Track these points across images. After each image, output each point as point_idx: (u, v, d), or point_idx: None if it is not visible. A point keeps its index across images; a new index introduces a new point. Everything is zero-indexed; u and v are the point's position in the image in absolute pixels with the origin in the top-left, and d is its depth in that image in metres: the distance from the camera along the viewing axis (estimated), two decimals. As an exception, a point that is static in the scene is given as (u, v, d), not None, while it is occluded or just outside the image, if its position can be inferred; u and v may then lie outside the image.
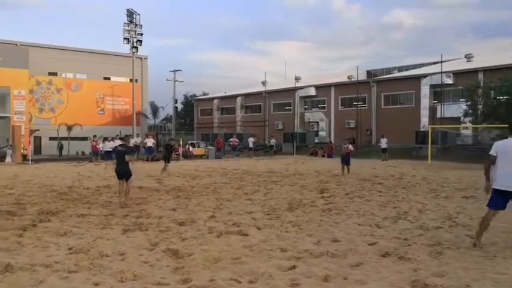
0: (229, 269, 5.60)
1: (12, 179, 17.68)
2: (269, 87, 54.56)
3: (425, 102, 39.94)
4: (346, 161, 19.96)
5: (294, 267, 5.71)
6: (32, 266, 5.67)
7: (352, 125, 44.46)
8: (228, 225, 8.50)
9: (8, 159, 29.91)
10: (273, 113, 54.05)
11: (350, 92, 45.62)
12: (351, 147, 20.77)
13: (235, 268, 5.64)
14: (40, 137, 42.21)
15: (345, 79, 50.44)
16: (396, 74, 49.60)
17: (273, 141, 42.32)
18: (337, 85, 48.31)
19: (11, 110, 37.74)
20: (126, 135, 15.43)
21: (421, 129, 37.87)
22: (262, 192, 13.75)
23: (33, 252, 6.46)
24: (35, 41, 44.58)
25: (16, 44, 42.80)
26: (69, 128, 43.13)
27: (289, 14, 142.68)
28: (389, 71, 55.63)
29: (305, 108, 51.25)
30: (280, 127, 51.24)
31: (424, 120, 39.42)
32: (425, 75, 40.85)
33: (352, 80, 47.98)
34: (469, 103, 33.37)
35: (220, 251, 6.51)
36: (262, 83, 55.34)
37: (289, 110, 51.89)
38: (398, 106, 42.75)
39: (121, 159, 11.74)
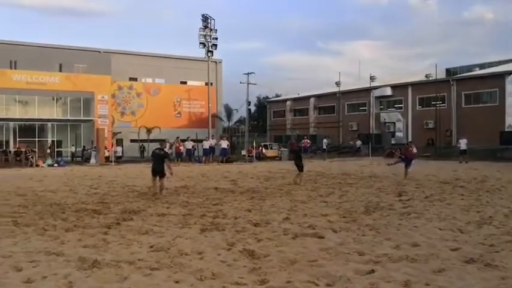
0: (306, 271, 5.56)
1: (96, 179, 18.70)
2: (343, 88, 53.77)
3: (510, 100, 37.58)
4: (407, 163, 19.11)
5: (372, 271, 5.58)
6: (117, 263, 5.95)
7: (430, 126, 42.75)
8: (303, 227, 8.46)
9: (93, 160, 31.63)
10: (347, 113, 53.20)
11: (428, 91, 43.88)
12: (414, 150, 19.91)
13: (312, 270, 5.60)
14: (122, 139, 44.30)
15: (422, 78, 48.61)
16: (478, 72, 47.06)
17: (358, 143, 41.44)
18: (415, 84, 46.63)
19: (95, 113, 40.00)
20: (163, 140, 17.31)
21: (507, 129, 35.69)
22: (337, 194, 13.56)
23: (117, 249, 6.78)
24: (116, 48, 46.94)
25: (99, 52, 45.30)
26: (149, 130, 44.89)
27: (363, 13, 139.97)
28: (470, 68, 52.88)
29: (381, 109, 49.97)
30: (355, 128, 50.31)
31: (510, 119, 37.09)
32: (510, 72, 38.45)
33: (431, 78, 46.10)
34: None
35: (296, 252, 6.48)
36: (336, 83, 54.64)
37: (364, 110, 50.84)
38: (480, 105, 40.52)
39: (158, 160, 13.39)
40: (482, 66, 51.64)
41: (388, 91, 48.47)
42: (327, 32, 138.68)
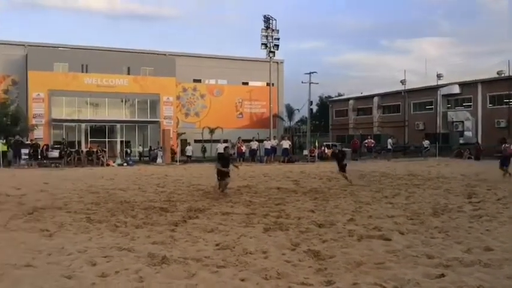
0: (373, 274, 5.46)
1: (163, 179, 19.27)
2: (408, 86, 52.27)
3: None
4: (504, 163, 18.25)
5: (442, 275, 5.39)
6: (184, 260, 6.10)
7: (502, 125, 40.71)
8: (368, 228, 8.31)
9: (159, 160, 32.63)
10: (412, 112, 51.66)
11: (500, 88, 41.82)
12: None
13: (379, 273, 5.49)
14: (186, 140, 45.37)
15: (493, 75, 46.30)
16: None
17: (426, 143, 40.11)
18: (485, 82, 44.53)
19: (161, 115, 41.24)
20: (225, 141, 18.37)
21: None
22: (404, 195, 13.19)
23: (184, 247, 6.95)
24: (181, 51, 48.11)
25: (165, 54, 46.62)
26: (212, 131, 45.71)
27: (429, 10, 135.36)
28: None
29: (448, 107, 48.15)
30: (421, 127, 48.76)
31: None
32: None
33: (503, 75, 43.86)
34: None
35: (362, 254, 6.38)
36: (401, 81, 53.20)
37: (431, 109, 49.17)
38: (559, 103, 38.12)
39: (224, 161, 14.20)
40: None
41: (456, 89, 46.59)
42: (391, 30, 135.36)
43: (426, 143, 39.69)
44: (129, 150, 35.80)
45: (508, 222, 8.82)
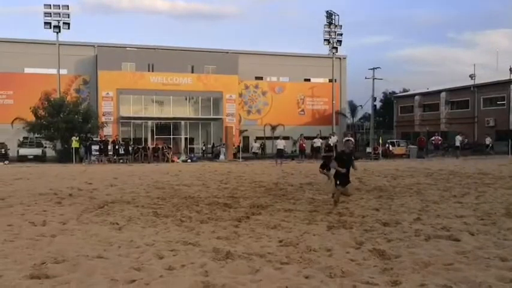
0: (442, 275, 5.27)
1: (226, 175, 19.57)
2: (478, 81, 49.96)
3: None
4: None
5: (517, 279, 5.12)
6: (248, 255, 6.16)
7: None
8: (436, 228, 8.03)
9: (222, 156, 33.16)
10: (483, 108, 49.36)
11: None
12: None
13: (448, 274, 5.29)
14: (248, 137, 45.79)
15: None
16: None
17: (488, 140, 38.49)
18: (563, 75, 41.82)
19: (224, 112, 41.87)
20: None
21: None
22: (473, 195, 12.63)
23: (248, 242, 7.02)
24: (243, 49, 48.59)
25: (227, 52, 47.28)
26: (273, 128, 45.86)
27: (500, 0, 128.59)
28: None
29: (521, 103, 45.62)
30: (492, 124, 46.50)
31: None
32: None
33: None
34: None
35: (430, 255, 6.17)
36: (470, 76, 50.99)
37: (503, 105, 46.72)
38: None
39: (342, 161, 10.55)
40: None
41: (530, 83, 44.05)
42: (458, 22, 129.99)
43: (488, 140, 37.88)
44: (192, 147, 36.58)
45: None
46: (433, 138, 38.00)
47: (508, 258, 6.01)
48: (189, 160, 31.12)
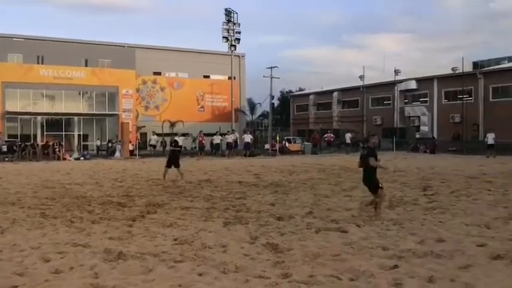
0: (329, 266, 5.55)
1: (121, 173, 18.97)
2: (367, 82, 53.23)
3: (540, 93, 36.69)
4: None
5: (396, 266, 5.53)
6: (141, 255, 6.04)
7: (457, 120, 42.03)
8: (326, 221, 8.44)
9: (117, 154, 32.07)
10: (371, 107, 52.69)
11: (455, 84, 43.11)
12: None
13: (335, 265, 5.59)
14: (146, 133, 44.72)
15: (448, 71, 47.69)
16: (507, 65, 45.97)
17: (348, 136, 40.06)
18: (441, 78, 45.88)
19: (120, 108, 40.49)
20: (371, 134, 11.03)
21: (536, 124, 34.86)
22: (361, 188, 13.38)
23: (142, 242, 6.88)
24: (140, 43, 47.35)
25: (124, 46, 45.77)
26: (172, 124, 45.24)
27: (388, 5, 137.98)
28: (498, 61, 51.68)
29: (405, 103, 49.34)
30: (379, 122, 49.81)
31: (539, 113, 36.20)
32: (540, 65, 37.50)
33: (457, 72, 45.29)
34: None
35: (319, 247, 6.47)
36: (360, 77, 54.11)
37: (389, 104, 50.24)
38: (509, 99, 39.64)
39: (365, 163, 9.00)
40: (510, 59, 50.40)
41: (413, 85, 47.83)
42: (351, 25, 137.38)
43: (348, 135, 40.34)
44: (86, 144, 34.97)
45: (460, 214, 9.14)
46: (326, 135, 39.84)
47: (389, 247, 6.48)
48: (82, 158, 29.69)
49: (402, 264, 5.60)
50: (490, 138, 29.93)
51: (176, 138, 19.67)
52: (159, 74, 48.43)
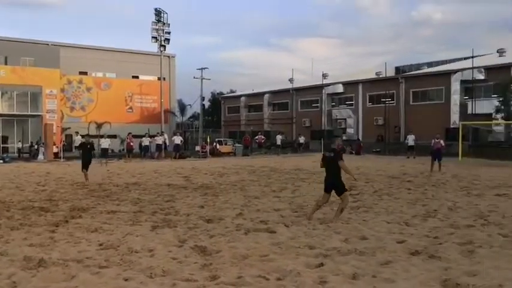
0: (257, 266, 5.61)
1: (44, 176, 18.12)
2: (297, 85, 54.37)
3: (455, 98, 39.18)
4: (437, 157, 19.94)
5: (321, 264, 5.70)
6: (64, 262, 5.80)
7: (380, 122, 43.92)
8: (255, 222, 8.53)
9: (41, 156, 30.62)
10: (300, 110, 53.86)
11: (378, 88, 45.08)
12: (442, 142, 20.72)
13: (263, 265, 5.65)
14: (71, 135, 43.04)
15: (373, 76, 49.88)
16: (425, 70, 48.71)
17: (301, 139, 42.07)
18: (365, 82, 47.80)
19: (43, 108, 38.69)
20: (335, 136, 10.30)
21: (452, 126, 37.13)
22: (290, 189, 13.72)
23: (65, 248, 6.61)
24: (65, 41, 45.52)
25: (47, 44, 43.78)
26: (99, 126, 43.83)
27: (317, 11, 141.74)
28: (418, 67, 54.67)
29: (332, 106, 50.88)
30: (308, 124, 51.01)
31: (455, 116, 38.62)
32: (455, 71, 40.05)
33: (380, 76, 47.40)
34: (501, 99, 32.61)
35: (248, 248, 6.52)
36: (290, 80, 55.17)
37: (317, 107, 51.61)
38: (427, 102, 42.02)
39: (329, 165, 9.02)
40: (430, 64, 53.45)
41: (340, 88, 49.43)
42: (281, 29, 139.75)
43: (301, 139, 41.71)
44: (6, 146, 33.10)
45: (382, 213, 9.56)
46: (257, 137, 40.24)
47: (316, 246, 6.66)
48: (1, 161, 28.04)
49: (327, 262, 5.77)
50: (411, 139, 31.56)
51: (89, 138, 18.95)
52: (85, 73, 46.77)
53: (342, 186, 8.86)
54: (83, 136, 30.14)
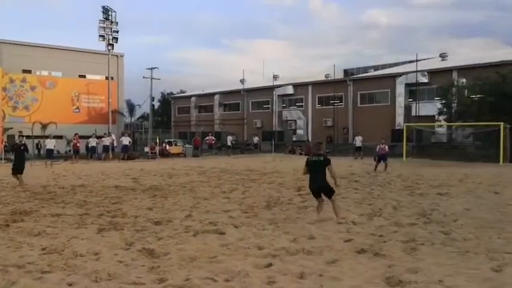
0: (205, 268, 5.58)
1: (-16, 179, 17.29)
2: (248, 86, 54.54)
3: (400, 100, 40.54)
4: (382, 159, 21.20)
5: (270, 264, 5.74)
6: (4, 267, 5.57)
7: (329, 124, 44.77)
8: (204, 224, 8.48)
9: (-20, 158, 29.23)
10: (251, 111, 54.07)
11: (327, 90, 45.93)
12: (386, 148, 21.94)
13: (212, 267, 5.63)
14: (13, 136, 41.33)
15: (322, 78, 50.77)
16: (372, 73, 50.13)
17: (256, 139, 42.22)
18: (315, 84, 48.61)
19: (-17, 108, 37.02)
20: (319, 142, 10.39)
21: (397, 128, 38.33)
22: (241, 190, 13.74)
23: (5, 253, 6.34)
24: (8, 38, 43.67)
25: (-12, 41, 41.88)
26: (44, 126, 42.33)
27: (268, 13, 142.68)
28: (365, 70, 56.17)
29: (283, 107, 51.40)
30: (259, 125, 51.27)
31: (400, 118, 39.96)
32: (400, 74, 41.42)
33: (329, 78, 48.32)
34: (443, 102, 34.00)
35: (196, 250, 6.48)
36: (241, 81, 55.27)
37: (268, 108, 51.99)
38: (374, 104, 43.25)
39: (317, 169, 9.05)
40: (376, 68, 54.99)
41: (290, 90, 50.02)
42: (232, 30, 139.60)
43: (255, 139, 42.03)
44: None
45: (329, 212, 9.70)
46: (207, 138, 40.06)
47: (265, 246, 6.70)
48: None
49: (276, 262, 5.82)
50: (358, 141, 32.33)
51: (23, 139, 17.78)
52: (29, 72, 45.00)
53: (330, 188, 8.93)
54: (20, 136, 29.06)
